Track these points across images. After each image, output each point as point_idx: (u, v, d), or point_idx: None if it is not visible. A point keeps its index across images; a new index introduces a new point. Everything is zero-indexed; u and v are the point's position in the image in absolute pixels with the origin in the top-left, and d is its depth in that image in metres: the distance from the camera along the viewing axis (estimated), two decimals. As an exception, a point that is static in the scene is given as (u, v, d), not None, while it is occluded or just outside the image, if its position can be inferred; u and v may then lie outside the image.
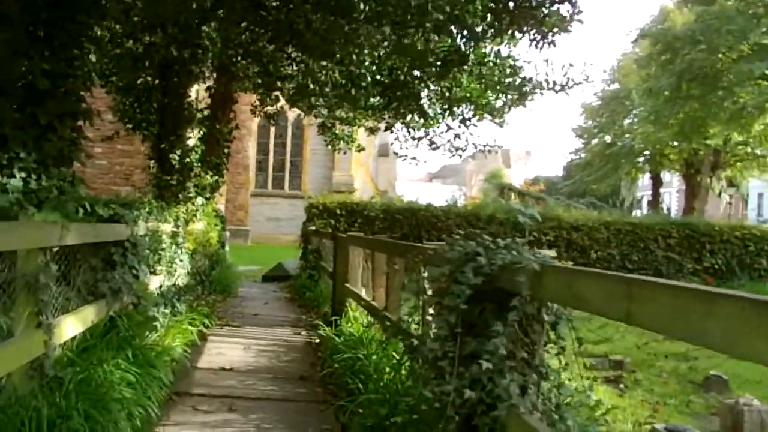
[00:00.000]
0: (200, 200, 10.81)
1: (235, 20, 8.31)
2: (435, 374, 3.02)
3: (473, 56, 9.40)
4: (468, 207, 17.18)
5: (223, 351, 7.01)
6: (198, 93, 11.73)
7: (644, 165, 35.32)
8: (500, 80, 10.88)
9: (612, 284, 2.07)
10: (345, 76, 10.10)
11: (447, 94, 10.77)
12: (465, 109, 11.70)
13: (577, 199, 30.50)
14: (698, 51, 25.29)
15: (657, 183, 36.76)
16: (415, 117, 11.34)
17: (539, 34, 8.25)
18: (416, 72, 9.70)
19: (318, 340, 7.78)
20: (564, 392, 2.92)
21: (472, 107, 11.56)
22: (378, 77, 9.77)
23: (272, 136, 32.04)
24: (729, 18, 24.83)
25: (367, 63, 9.33)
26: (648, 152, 33.22)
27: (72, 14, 5.72)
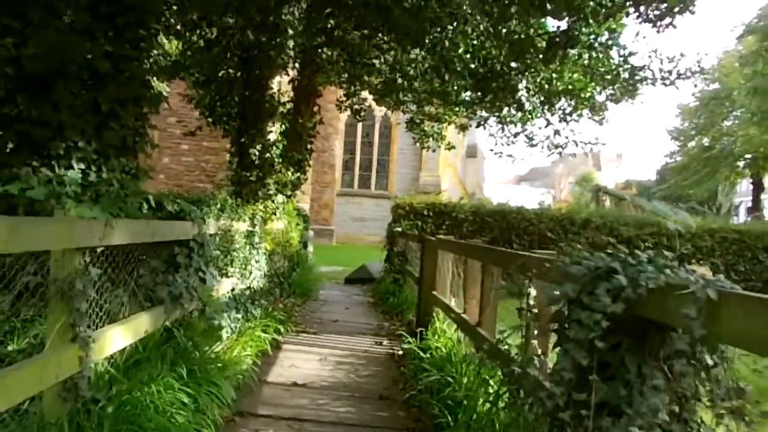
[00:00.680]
0: (281, 198, 10.30)
1: (317, 1, 7.68)
2: (552, 429, 2.28)
3: (583, 38, 8.44)
4: (562, 210, 16.12)
5: (297, 363, 6.42)
6: (280, 85, 11.26)
7: (744, 169, 33.72)
8: (609, 69, 9.89)
9: None
10: (435, 68, 9.37)
11: (546, 87, 9.88)
12: (565, 103, 10.78)
13: (677, 204, 28.83)
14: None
15: (758, 188, 34.68)
16: (512, 111, 10.49)
17: (658, 12, 7.26)
18: (513, 63, 8.86)
19: (401, 352, 7.11)
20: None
21: (573, 101, 10.62)
22: (472, 66, 8.96)
23: (359, 135, 31.79)
24: None
25: (461, 50, 8.55)
26: (749, 156, 31.45)
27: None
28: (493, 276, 4.76)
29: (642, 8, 7.38)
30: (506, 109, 10.60)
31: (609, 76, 10.00)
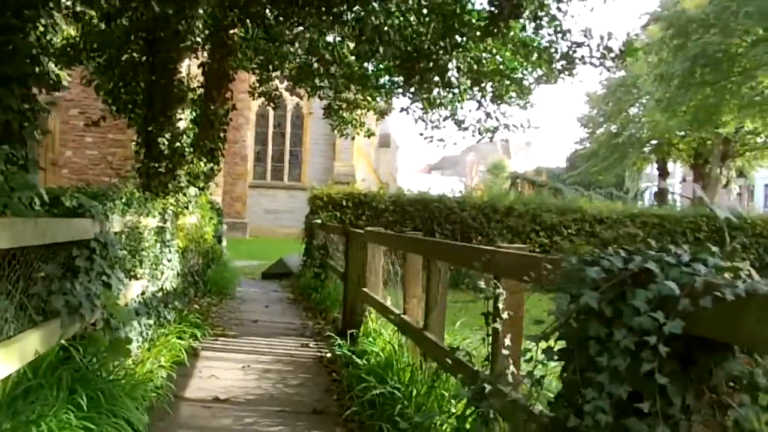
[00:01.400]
0: (193, 190, 9.54)
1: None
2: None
3: (530, 6, 7.94)
4: (484, 198, 15.84)
5: (217, 372, 5.78)
6: (189, 69, 10.45)
7: (650, 155, 34.60)
8: (545, 46, 9.53)
9: None
10: (356, 51, 8.80)
11: (476, 67, 9.45)
12: (495, 85, 10.37)
13: (595, 189, 29.38)
14: (713, 34, 24.11)
15: (663, 174, 35.84)
16: (441, 92, 10.03)
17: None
18: (441, 42, 8.35)
19: (330, 355, 6.58)
20: None
21: (502, 82, 10.20)
22: (397, 46, 8.39)
23: (271, 126, 30.93)
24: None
25: (385, 28, 7.97)
26: (655, 141, 32.44)
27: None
28: (440, 273, 4.27)
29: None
30: (436, 91, 10.12)
31: (545, 54, 9.67)
